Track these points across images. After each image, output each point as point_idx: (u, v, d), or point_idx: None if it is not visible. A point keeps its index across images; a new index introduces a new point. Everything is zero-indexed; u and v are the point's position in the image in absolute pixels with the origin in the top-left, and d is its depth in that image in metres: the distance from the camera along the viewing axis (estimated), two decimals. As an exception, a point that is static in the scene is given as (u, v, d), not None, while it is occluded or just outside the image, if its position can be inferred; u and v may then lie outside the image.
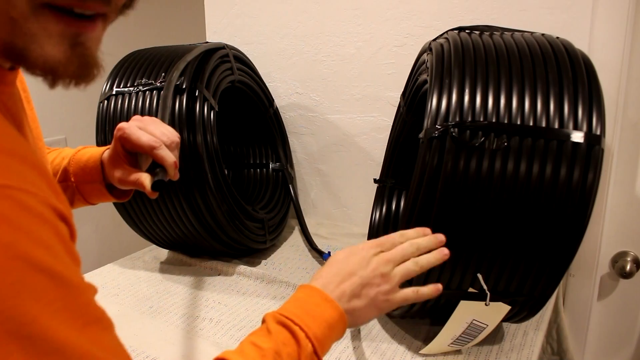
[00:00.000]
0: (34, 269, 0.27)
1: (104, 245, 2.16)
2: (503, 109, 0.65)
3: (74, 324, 0.29)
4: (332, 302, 0.51)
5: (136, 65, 1.07)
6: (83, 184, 0.67)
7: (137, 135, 0.61)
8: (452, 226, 0.65)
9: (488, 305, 0.70)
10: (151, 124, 0.64)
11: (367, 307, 0.54)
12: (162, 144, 0.62)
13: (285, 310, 0.49)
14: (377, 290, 0.54)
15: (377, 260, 0.55)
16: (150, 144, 0.61)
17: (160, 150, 0.61)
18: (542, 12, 0.99)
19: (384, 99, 1.21)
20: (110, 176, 0.65)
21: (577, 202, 0.63)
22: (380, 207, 1.08)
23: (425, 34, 1.11)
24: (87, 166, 0.67)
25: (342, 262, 0.55)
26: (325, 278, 0.54)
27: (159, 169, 0.62)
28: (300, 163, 1.39)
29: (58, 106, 1.93)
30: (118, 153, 0.64)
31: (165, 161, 0.61)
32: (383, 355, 0.78)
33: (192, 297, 0.98)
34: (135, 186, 0.62)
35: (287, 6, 1.28)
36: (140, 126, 0.63)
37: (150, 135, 0.62)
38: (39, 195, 0.30)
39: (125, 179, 0.63)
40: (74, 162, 0.67)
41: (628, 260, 1.02)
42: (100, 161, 0.66)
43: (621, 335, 1.08)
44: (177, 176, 0.64)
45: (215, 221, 1.01)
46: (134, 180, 0.62)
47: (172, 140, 0.64)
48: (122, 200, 0.71)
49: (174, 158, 0.62)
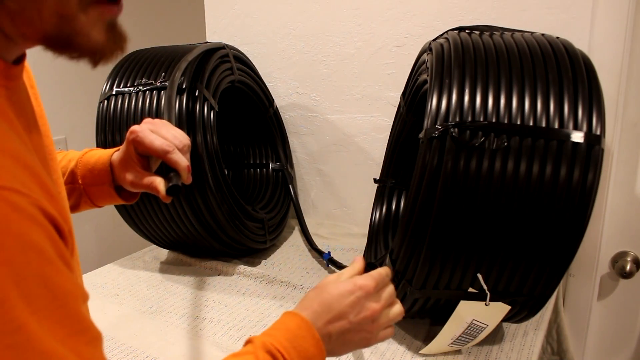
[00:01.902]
0: (24, 274, 0.27)
1: (104, 245, 2.16)
2: (503, 109, 0.65)
3: (59, 333, 0.29)
4: (319, 342, 0.51)
5: (136, 65, 1.07)
6: (91, 186, 0.67)
7: (150, 139, 0.61)
8: (452, 226, 0.65)
9: (488, 305, 0.70)
10: (163, 127, 0.64)
11: (346, 348, 0.55)
12: (175, 148, 0.62)
13: (275, 339, 0.49)
14: (361, 337, 0.55)
15: (369, 308, 0.55)
16: (163, 148, 0.61)
17: (174, 154, 0.61)
18: (542, 12, 0.99)
19: (384, 99, 1.21)
20: (121, 179, 0.65)
21: (577, 202, 0.63)
22: (380, 207, 1.08)
23: (425, 34, 1.11)
24: (96, 168, 0.66)
25: (336, 299, 0.54)
26: (315, 311, 0.53)
27: (172, 173, 0.61)
28: (300, 163, 1.39)
29: (58, 106, 1.93)
30: (130, 156, 0.63)
31: (178, 165, 0.61)
32: (383, 355, 0.78)
33: (192, 297, 0.98)
34: (148, 190, 0.62)
35: (287, 6, 1.28)
36: (152, 129, 0.63)
37: (164, 140, 0.62)
38: (30, 197, 0.29)
39: (138, 182, 0.63)
40: (82, 165, 0.67)
41: (628, 260, 1.02)
42: (110, 163, 0.66)
43: (621, 335, 1.08)
44: (190, 180, 0.64)
45: (215, 221, 1.01)
46: (147, 184, 0.62)
47: (184, 144, 0.64)
48: (130, 202, 0.70)
49: (186, 162, 0.62)
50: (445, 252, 0.67)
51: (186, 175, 0.62)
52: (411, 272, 0.70)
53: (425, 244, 0.66)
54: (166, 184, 0.61)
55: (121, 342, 0.82)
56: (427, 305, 0.76)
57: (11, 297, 0.26)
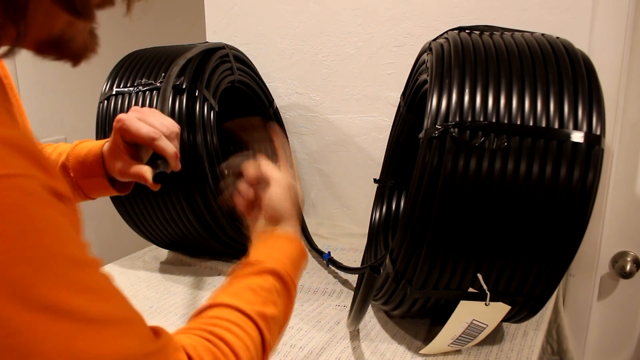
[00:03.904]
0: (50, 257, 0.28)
1: (104, 245, 2.16)
2: (503, 109, 0.65)
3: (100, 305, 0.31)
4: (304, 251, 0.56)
5: (136, 65, 1.07)
6: (83, 178, 0.66)
7: (136, 127, 0.61)
8: (452, 226, 0.65)
9: (488, 305, 0.70)
10: (150, 115, 0.64)
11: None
12: (161, 135, 0.61)
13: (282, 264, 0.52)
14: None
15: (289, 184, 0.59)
16: (150, 135, 0.61)
17: (160, 141, 0.61)
18: (542, 12, 0.99)
19: (384, 99, 1.21)
20: (111, 169, 0.64)
21: (577, 202, 0.63)
22: (380, 207, 1.08)
23: (425, 34, 1.11)
24: (87, 160, 0.66)
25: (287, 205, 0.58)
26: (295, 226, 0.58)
27: (160, 160, 0.61)
28: (300, 163, 1.39)
29: (58, 106, 1.93)
30: (118, 145, 0.63)
31: (165, 152, 0.61)
32: (383, 355, 0.78)
33: (192, 297, 0.98)
34: (136, 179, 0.62)
35: (287, 6, 1.28)
36: (139, 117, 0.62)
37: (150, 127, 0.61)
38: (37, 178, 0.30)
39: (126, 171, 0.62)
40: (73, 157, 0.67)
41: (628, 260, 1.02)
42: (101, 154, 0.66)
43: (621, 335, 1.08)
44: (178, 167, 0.63)
45: (215, 221, 1.01)
46: (134, 173, 0.61)
47: (172, 131, 0.63)
48: (123, 193, 0.70)
49: (174, 148, 0.62)
50: (445, 252, 0.67)
51: (174, 162, 0.62)
52: (411, 272, 0.70)
53: (425, 244, 0.66)
54: (153, 171, 0.60)
55: (121, 342, 0.82)
56: (427, 305, 0.76)
57: (46, 276, 0.28)
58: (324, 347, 0.80)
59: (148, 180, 0.60)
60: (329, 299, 0.96)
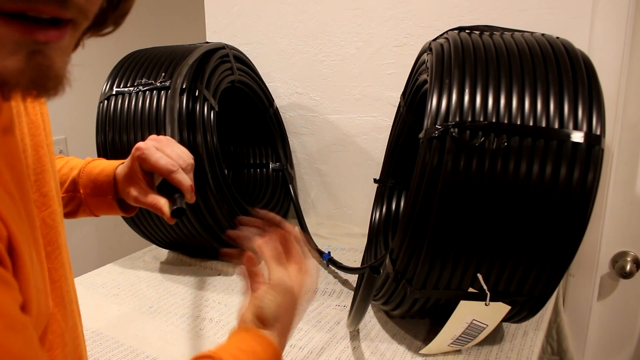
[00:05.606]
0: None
1: (104, 245, 2.16)
2: (503, 109, 0.65)
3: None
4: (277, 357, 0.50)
5: (136, 65, 1.07)
6: (93, 196, 0.67)
7: (155, 158, 0.62)
8: (452, 226, 0.65)
9: (488, 305, 0.70)
10: (167, 145, 0.65)
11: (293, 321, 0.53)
12: (179, 168, 0.62)
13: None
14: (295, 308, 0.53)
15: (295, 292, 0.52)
16: (168, 168, 0.62)
17: (178, 174, 0.62)
18: (542, 12, 0.99)
19: (384, 99, 1.21)
20: (124, 193, 0.65)
21: (577, 202, 0.63)
22: (380, 207, 1.08)
23: (425, 34, 1.11)
24: (99, 180, 0.67)
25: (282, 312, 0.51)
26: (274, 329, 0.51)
27: (177, 194, 0.62)
28: (300, 163, 1.39)
29: (58, 106, 1.93)
30: (135, 172, 0.64)
31: (182, 185, 0.62)
32: (383, 355, 0.78)
33: (192, 297, 0.98)
34: (152, 209, 0.62)
35: (287, 6, 1.28)
36: (157, 146, 0.63)
37: (168, 159, 0.62)
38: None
39: (142, 200, 0.63)
40: (85, 175, 0.67)
41: (628, 260, 1.02)
42: (114, 176, 0.67)
43: (621, 335, 1.08)
44: (193, 199, 0.64)
45: (215, 221, 1.01)
46: (151, 203, 0.62)
47: (188, 163, 0.64)
48: (129, 214, 0.71)
49: (190, 182, 0.63)
50: (445, 252, 0.67)
51: (190, 195, 0.63)
52: (411, 272, 0.70)
53: (425, 244, 0.66)
54: (171, 205, 0.61)
55: (121, 342, 0.82)
56: (427, 305, 0.76)
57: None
58: (324, 347, 0.80)
59: (165, 214, 0.61)
60: (329, 299, 0.97)
